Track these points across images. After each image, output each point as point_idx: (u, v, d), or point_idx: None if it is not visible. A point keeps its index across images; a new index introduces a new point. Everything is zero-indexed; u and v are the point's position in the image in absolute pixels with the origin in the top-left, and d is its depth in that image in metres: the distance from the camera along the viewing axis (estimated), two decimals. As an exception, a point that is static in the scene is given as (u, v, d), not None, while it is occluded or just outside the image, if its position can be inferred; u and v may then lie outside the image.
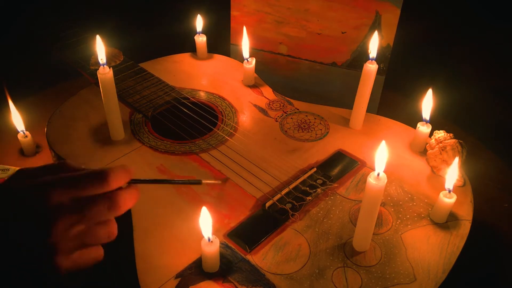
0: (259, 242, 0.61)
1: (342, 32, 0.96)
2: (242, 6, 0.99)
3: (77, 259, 0.45)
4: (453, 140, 0.72)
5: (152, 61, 0.98)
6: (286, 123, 0.83)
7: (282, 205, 0.66)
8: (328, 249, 0.61)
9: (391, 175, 0.71)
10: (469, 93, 1.02)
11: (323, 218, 0.65)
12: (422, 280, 0.57)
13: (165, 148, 0.76)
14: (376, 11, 0.92)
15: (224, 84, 0.92)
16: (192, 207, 0.65)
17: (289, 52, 1.02)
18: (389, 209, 0.67)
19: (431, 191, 0.69)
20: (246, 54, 0.91)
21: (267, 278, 0.57)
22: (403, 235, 0.63)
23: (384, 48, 0.94)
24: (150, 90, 0.88)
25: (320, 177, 0.71)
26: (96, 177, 0.45)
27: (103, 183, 0.45)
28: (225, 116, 0.84)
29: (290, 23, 0.98)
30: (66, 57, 0.94)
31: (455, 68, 1.15)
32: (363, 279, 0.57)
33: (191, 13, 1.00)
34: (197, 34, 0.98)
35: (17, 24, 1.07)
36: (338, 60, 0.99)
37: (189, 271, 0.57)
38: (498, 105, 1.05)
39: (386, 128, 0.82)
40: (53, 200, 0.42)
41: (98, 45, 0.71)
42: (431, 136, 0.76)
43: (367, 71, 0.76)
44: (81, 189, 0.44)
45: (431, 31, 1.23)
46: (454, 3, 1.17)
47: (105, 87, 0.72)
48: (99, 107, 0.82)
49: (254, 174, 0.71)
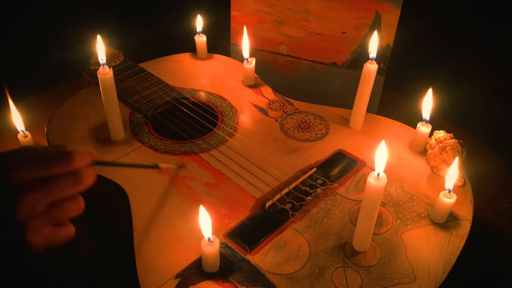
0: (259, 242, 0.61)
1: (342, 32, 0.96)
2: (242, 6, 0.99)
3: (49, 236, 0.46)
4: (453, 140, 0.72)
5: (152, 61, 0.98)
6: (286, 123, 0.83)
7: (282, 205, 0.66)
8: (328, 249, 0.61)
9: (391, 175, 0.71)
10: (469, 93, 1.02)
11: (323, 218, 0.65)
12: (422, 280, 0.57)
13: (165, 148, 0.76)
14: (376, 11, 0.92)
15: (224, 84, 0.92)
16: (192, 207, 0.65)
17: (289, 52, 1.02)
18: (389, 209, 0.67)
19: (431, 191, 0.69)
20: (246, 54, 0.91)
21: (267, 278, 0.57)
22: (403, 235, 0.63)
23: (384, 48, 0.94)
24: (150, 90, 0.88)
25: (320, 177, 0.71)
26: (60, 156, 0.46)
27: (67, 163, 0.46)
28: (225, 116, 0.84)
29: (290, 23, 0.98)
30: (66, 57, 0.94)
31: (455, 68, 1.15)
32: (363, 279, 0.57)
33: (191, 13, 1.00)
34: (197, 34, 0.98)
35: (17, 24, 1.07)
36: (338, 60, 0.99)
37: (189, 271, 0.57)
38: (498, 105, 1.05)
39: (386, 128, 0.82)
40: (16, 179, 0.43)
41: (99, 45, 0.71)
42: (431, 136, 0.76)
43: (367, 71, 0.76)
44: (44, 168, 0.45)
45: (431, 31, 1.23)
46: (454, 3, 1.17)
47: (105, 87, 0.72)
48: (99, 107, 0.82)
49: (254, 174, 0.71)
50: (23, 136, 0.82)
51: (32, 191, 0.43)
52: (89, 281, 0.63)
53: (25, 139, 0.82)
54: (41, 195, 0.44)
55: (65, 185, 0.46)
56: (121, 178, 0.69)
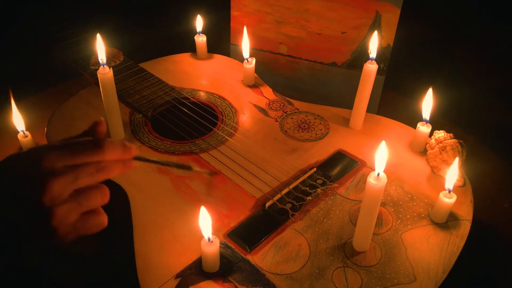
0: (259, 242, 0.61)
1: (342, 32, 0.96)
2: (242, 6, 0.99)
3: (78, 224, 0.45)
4: (453, 140, 0.72)
5: (152, 61, 0.98)
6: (286, 123, 0.83)
7: (282, 205, 0.66)
8: (328, 249, 0.61)
9: (391, 175, 0.71)
10: (469, 93, 1.02)
11: (323, 218, 0.65)
12: (422, 280, 0.57)
13: (165, 148, 0.76)
14: (376, 11, 0.92)
15: (224, 84, 0.92)
16: (192, 207, 0.65)
17: (289, 52, 1.02)
18: (389, 209, 0.67)
19: (431, 191, 0.69)
20: (246, 54, 0.91)
21: (267, 278, 0.57)
22: (403, 235, 0.63)
23: (384, 48, 0.94)
24: (150, 90, 0.88)
25: (320, 177, 0.71)
26: (93, 145, 0.46)
27: (98, 153, 0.46)
28: (225, 116, 0.84)
29: (290, 23, 0.98)
30: (66, 57, 0.94)
31: (455, 68, 1.15)
32: (363, 279, 0.57)
33: (191, 13, 1.00)
34: (197, 34, 0.98)
35: (17, 24, 1.07)
36: (338, 60, 0.99)
37: (189, 271, 0.57)
38: (498, 105, 1.05)
39: (386, 128, 0.82)
40: (47, 165, 0.43)
41: (99, 44, 0.71)
42: (431, 136, 0.76)
43: (367, 71, 0.76)
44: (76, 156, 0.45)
45: (431, 31, 1.23)
46: (454, 3, 1.17)
47: (105, 87, 0.72)
48: (99, 107, 0.82)
49: (254, 174, 0.71)
50: (23, 136, 0.82)
51: (60, 177, 0.43)
52: (89, 281, 0.63)
53: (25, 139, 0.82)
54: (68, 181, 0.44)
55: (91, 172, 0.46)
56: (121, 178, 0.69)
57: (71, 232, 0.45)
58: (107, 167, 0.47)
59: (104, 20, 1.03)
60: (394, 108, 1.00)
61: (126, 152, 0.48)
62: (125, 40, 1.01)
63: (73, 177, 0.44)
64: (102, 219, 0.48)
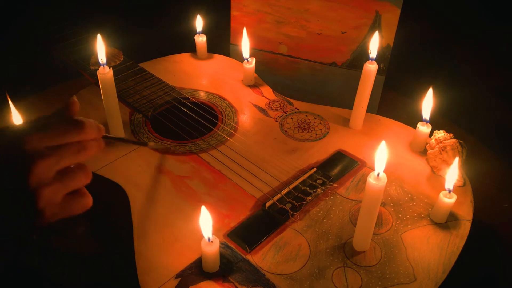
0: (259, 242, 0.61)
1: (342, 32, 0.96)
2: (242, 6, 0.99)
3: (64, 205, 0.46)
4: (453, 140, 0.72)
5: (152, 61, 0.98)
6: (286, 123, 0.83)
7: (282, 205, 0.66)
8: (328, 249, 0.61)
9: (391, 175, 0.71)
10: (469, 93, 1.02)
11: (323, 218, 0.65)
12: (422, 280, 0.57)
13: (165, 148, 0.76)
14: (376, 11, 0.92)
15: (224, 84, 0.92)
16: (192, 207, 0.65)
17: (289, 52, 1.02)
18: (389, 209, 0.67)
19: (431, 191, 0.69)
20: (246, 54, 0.91)
21: (267, 278, 0.57)
22: (403, 235, 0.63)
23: (384, 48, 0.94)
24: (150, 90, 0.88)
25: (320, 177, 0.71)
26: (74, 125, 0.46)
27: (80, 132, 0.47)
28: (225, 116, 0.84)
29: (290, 23, 0.98)
30: (66, 57, 0.94)
31: (455, 68, 1.15)
32: (363, 279, 0.57)
33: (191, 13, 1.00)
34: (197, 34, 0.98)
35: (17, 24, 1.07)
36: (338, 60, 0.99)
37: (189, 271, 0.57)
38: (498, 105, 1.05)
39: (386, 128, 0.82)
40: (30, 146, 0.43)
41: (99, 44, 0.71)
42: (431, 136, 0.76)
43: (367, 71, 0.76)
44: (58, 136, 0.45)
45: (431, 31, 1.23)
46: (454, 3, 1.17)
47: (105, 87, 0.72)
48: (99, 107, 0.82)
49: (254, 174, 0.71)
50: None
51: (44, 159, 0.43)
52: (89, 281, 0.63)
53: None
54: (52, 162, 0.44)
55: (74, 151, 0.46)
56: (121, 178, 0.69)
57: (57, 213, 0.45)
58: (86, 146, 0.48)
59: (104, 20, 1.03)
60: (394, 108, 1.00)
61: (100, 131, 0.49)
62: (125, 40, 1.01)
63: (57, 157, 0.44)
64: (87, 199, 0.48)
